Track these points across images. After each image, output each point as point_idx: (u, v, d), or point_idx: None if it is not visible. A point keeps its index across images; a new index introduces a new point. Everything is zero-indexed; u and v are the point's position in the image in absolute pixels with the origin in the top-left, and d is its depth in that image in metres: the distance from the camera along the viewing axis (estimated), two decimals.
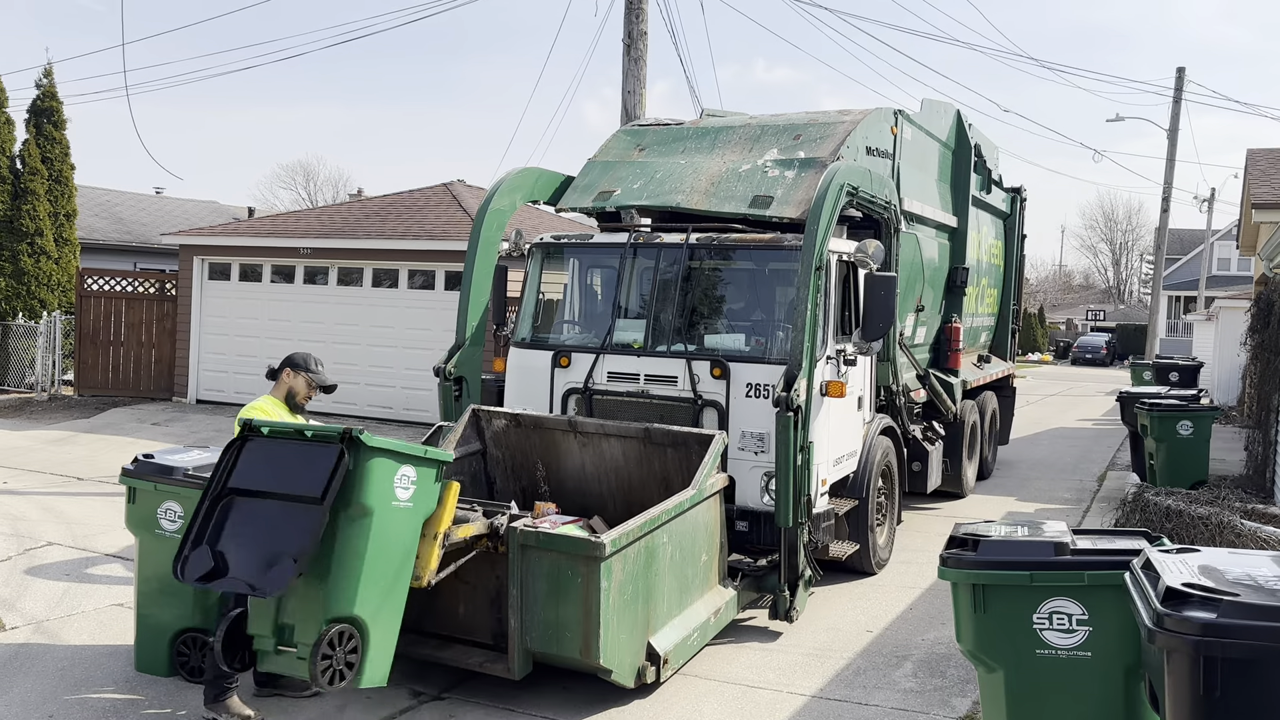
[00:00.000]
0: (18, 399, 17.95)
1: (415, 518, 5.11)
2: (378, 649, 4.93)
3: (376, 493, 4.83)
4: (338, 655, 4.70)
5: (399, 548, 5.02)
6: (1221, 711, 3.02)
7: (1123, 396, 13.43)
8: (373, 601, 4.86)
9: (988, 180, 12.51)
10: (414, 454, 5.04)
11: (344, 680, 4.75)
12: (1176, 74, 30.44)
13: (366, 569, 4.80)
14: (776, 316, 7.89)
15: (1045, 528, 4.39)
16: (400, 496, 4.96)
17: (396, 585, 5.04)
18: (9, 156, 18.78)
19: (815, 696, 6.05)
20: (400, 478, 4.96)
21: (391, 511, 4.92)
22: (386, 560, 4.93)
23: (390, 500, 4.91)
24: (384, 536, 4.89)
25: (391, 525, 4.94)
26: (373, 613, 4.87)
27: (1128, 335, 50.94)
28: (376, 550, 4.85)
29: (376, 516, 4.83)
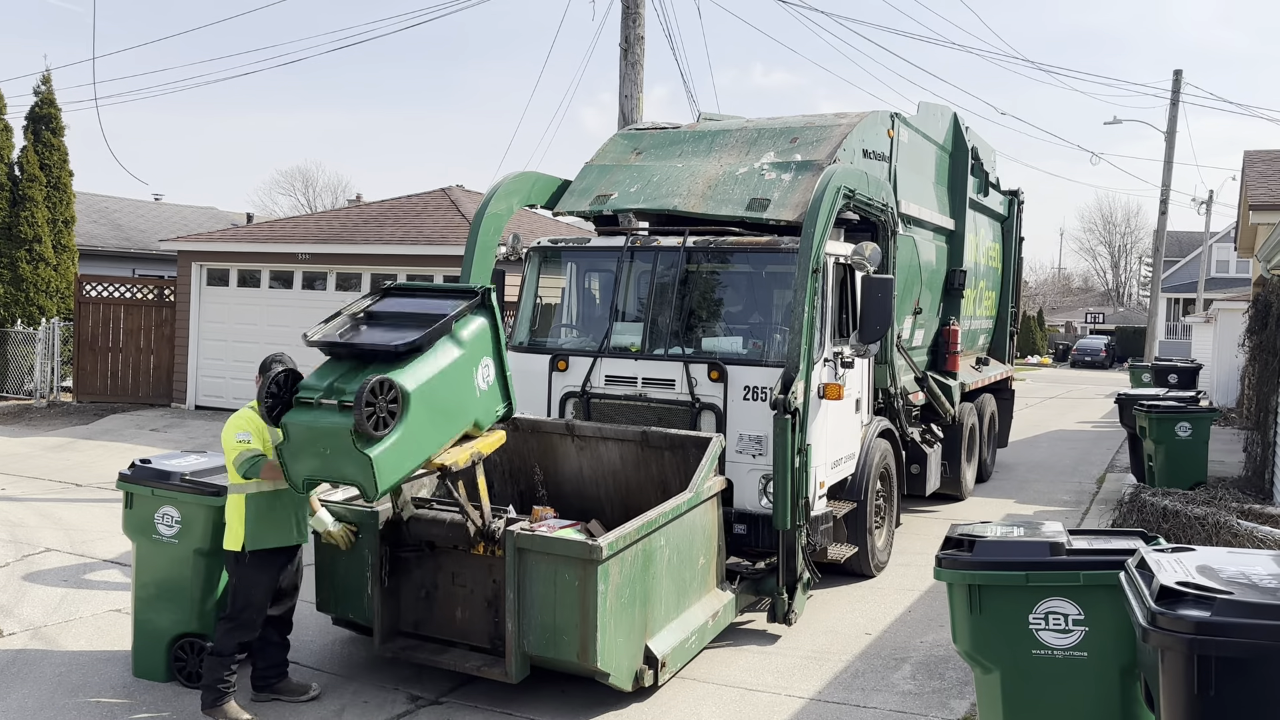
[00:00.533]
0: (17, 405, 17.94)
1: (477, 406, 5.58)
2: (402, 444, 5.04)
3: (469, 344, 5.47)
4: (380, 403, 4.90)
5: (461, 391, 5.46)
6: (1216, 710, 3.02)
7: (1121, 398, 13.43)
8: (422, 403, 5.13)
9: (985, 183, 12.52)
10: (505, 372, 5.79)
11: (386, 428, 4.93)
12: (1174, 76, 30.51)
13: (432, 379, 5.21)
14: (774, 319, 7.89)
15: (1041, 528, 4.38)
16: (479, 376, 5.56)
17: (435, 421, 5.29)
18: (7, 163, 18.78)
19: (814, 699, 6.04)
20: (484, 365, 5.60)
21: (469, 371, 5.47)
22: (443, 396, 5.31)
23: (472, 365, 5.50)
24: (453, 376, 5.38)
25: (462, 374, 5.43)
26: (416, 408, 5.08)
27: (1127, 338, 50.97)
28: (444, 379, 5.30)
29: (460, 356, 5.39)
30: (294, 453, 5.08)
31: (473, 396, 5.55)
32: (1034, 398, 27.36)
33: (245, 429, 5.53)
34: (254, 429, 5.54)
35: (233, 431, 5.52)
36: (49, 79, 19.20)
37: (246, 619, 5.53)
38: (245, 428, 5.54)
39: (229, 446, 5.51)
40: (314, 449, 5.03)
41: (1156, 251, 33.12)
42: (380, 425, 4.90)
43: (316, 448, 5.02)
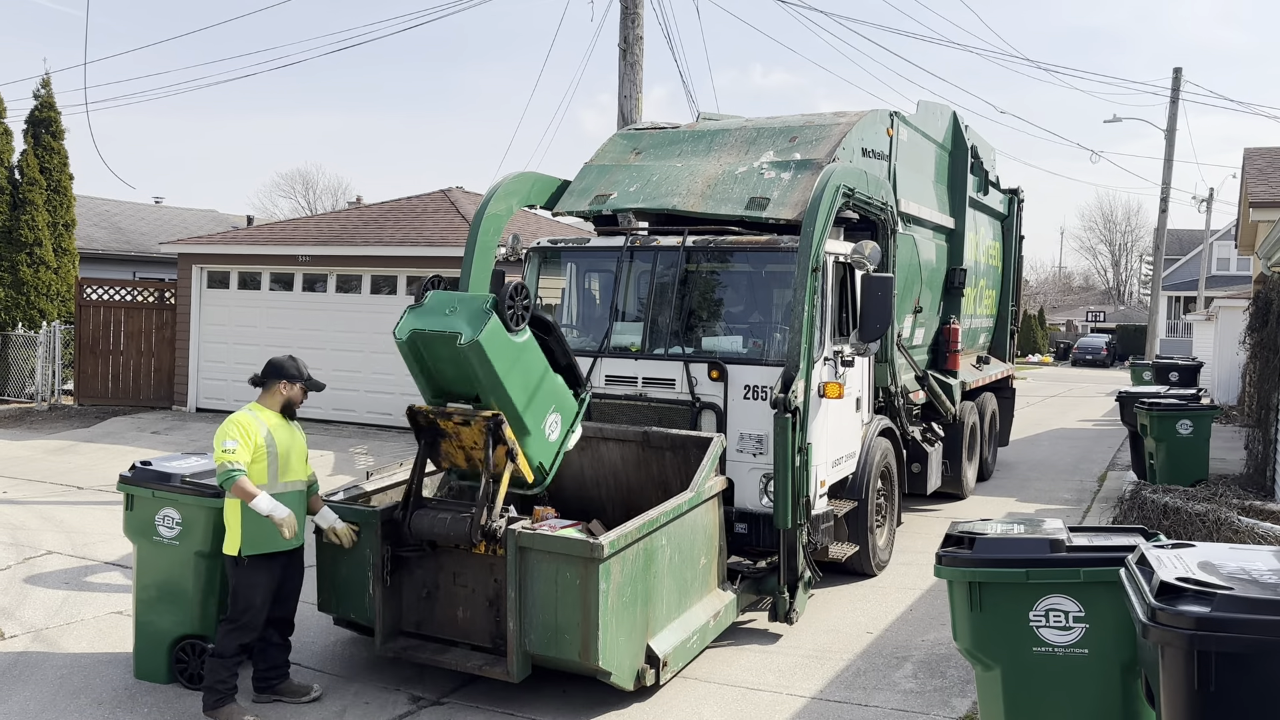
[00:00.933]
0: (18, 409, 17.96)
1: (558, 384, 6.02)
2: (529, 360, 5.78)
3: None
4: (518, 301, 5.60)
5: (548, 388, 5.93)
6: (1216, 705, 3.02)
7: (1122, 396, 13.43)
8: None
9: (985, 181, 12.52)
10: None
11: (521, 323, 5.62)
12: (1174, 74, 30.49)
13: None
14: (774, 318, 7.89)
15: (1041, 525, 4.38)
16: (548, 423, 5.98)
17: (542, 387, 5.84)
18: (7, 167, 18.80)
19: (815, 698, 6.04)
20: (551, 418, 6.02)
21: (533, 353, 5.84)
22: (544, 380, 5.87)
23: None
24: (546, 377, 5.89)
25: (533, 356, 5.81)
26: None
27: (1128, 336, 50.93)
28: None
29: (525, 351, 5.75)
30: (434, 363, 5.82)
31: (562, 399, 6.10)
32: (1035, 396, 27.35)
33: (235, 436, 5.46)
34: (243, 433, 5.49)
35: (222, 438, 5.47)
36: (49, 82, 19.24)
37: (247, 621, 5.53)
38: (235, 434, 5.47)
39: (215, 453, 5.50)
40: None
41: (1157, 250, 33.10)
42: (522, 318, 5.68)
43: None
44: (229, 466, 5.39)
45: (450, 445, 5.97)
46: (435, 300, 5.67)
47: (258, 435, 5.51)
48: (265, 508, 5.42)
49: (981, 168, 12.29)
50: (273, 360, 5.79)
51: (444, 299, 5.66)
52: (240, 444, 5.44)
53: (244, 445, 5.45)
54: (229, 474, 5.39)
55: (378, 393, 16.08)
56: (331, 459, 13.69)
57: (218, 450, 5.46)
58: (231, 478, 5.39)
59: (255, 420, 5.57)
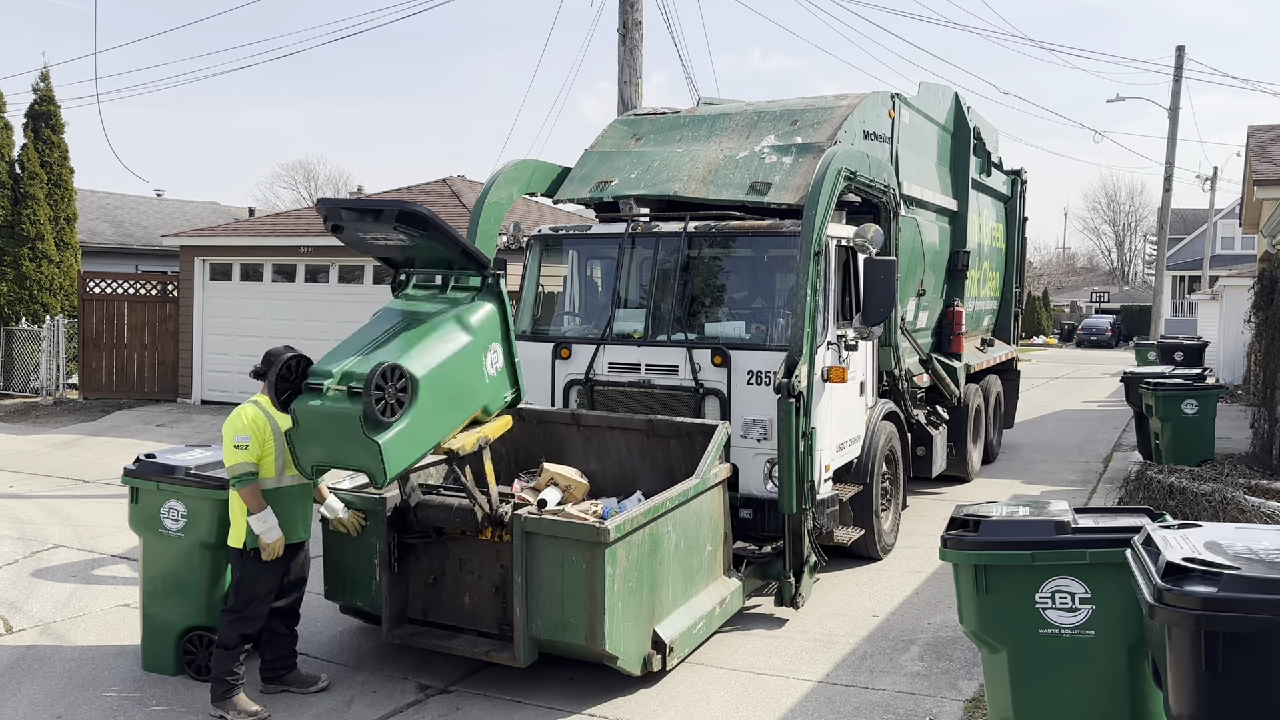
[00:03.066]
0: (23, 403, 17.99)
1: (485, 392, 5.58)
2: (411, 430, 5.05)
3: (480, 330, 5.48)
4: (389, 389, 4.91)
5: (464, 387, 5.43)
6: (1223, 686, 3.01)
7: (1127, 377, 13.39)
8: (431, 391, 5.12)
9: (987, 163, 12.46)
10: (514, 357, 5.75)
11: (395, 415, 4.93)
12: (1176, 52, 30.33)
13: (441, 365, 5.22)
14: (776, 303, 7.87)
15: (1046, 507, 4.37)
16: (487, 363, 5.54)
17: (444, 409, 5.29)
18: (8, 161, 18.77)
19: (821, 682, 6.04)
20: (492, 352, 5.57)
21: (478, 358, 5.47)
22: (453, 382, 5.31)
23: (482, 350, 5.49)
24: (463, 364, 5.37)
25: (471, 366, 5.44)
26: (425, 395, 5.08)
27: (1132, 316, 50.80)
28: (455, 363, 5.31)
29: (471, 344, 5.40)
30: (303, 438, 5.08)
31: (481, 382, 5.55)
32: (1040, 378, 27.30)
33: (246, 431, 5.45)
34: (255, 430, 5.46)
35: (232, 432, 5.46)
36: (48, 76, 19.19)
37: (250, 613, 5.53)
38: (246, 429, 5.45)
39: (226, 449, 5.48)
40: (323, 435, 5.03)
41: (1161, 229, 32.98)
42: (389, 412, 4.90)
43: (326, 434, 5.01)
44: (243, 469, 5.39)
45: None
46: (307, 422, 5.04)
47: (266, 430, 5.49)
48: (259, 528, 5.42)
49: (984, 149, 12.23)
50: (270, 351, 5.72)
51: (313, 422, 5.03)
52: (252, 439, 5.43)
53: (255, 440, 5.44)
54: (241, 477, 5.39)
55: None
56: None
57: (228, 445, 5.45)
58: (244, 481, 5.39)
59: (262, 414, 5.54)
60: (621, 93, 12.37)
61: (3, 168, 18.64)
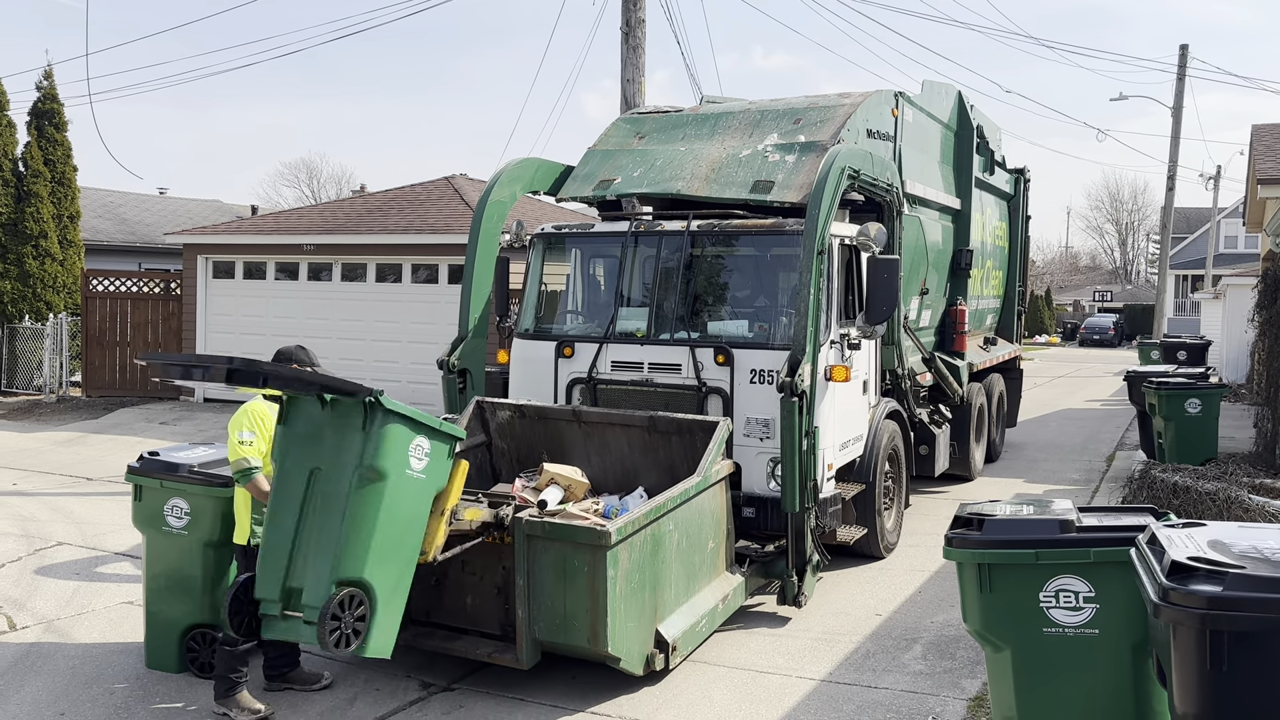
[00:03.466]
0: (26, 401, 18.00)
1: (427, 490, 5.13)
2: (385, 616, 4.95)
3: (392, 458, 4.87)
4: (346, 619, 4.72)
5: (410, 517, 5.05)
6: (1228, 685, 3.00)
7: (1130, 375, 13.37)
8: (382, 567, 4.90)
9: (990, 161, 12.45)
10: (429, 424, 5.08)
11: (350, 646, 4.77)
12: (1180, 51, 30.28)
13: (378, 534, 4.83)
14: (780, 302, 7.86)
15: (1050, 506, 4.36)
16: (414, 466, 4.99)
17: (405, 555, 5.06)
18: (11, 159, 18.78)
19: (824, 680, 6.04)
20: (415, 447, 5.00)
21: (405, 479, 4.95)
22: (397, 527, 4.96)
23: (404, 468, 4.94)
24: (396, 503, 4.92)
25: (404, 493, 4.96)
26: (382, 579, 4.90)
27: (1135, 315, 50.75)
28: (388, 516, 4.88)
29: (390, 482, 4.87)
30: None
31: (422, 489, 5.11)
32: (1042, 377, 27.28)
33: (250, 427, 5.43)
34: (260, 425, 5.47)
35: (237, 428, 5.44)
36: (51, 74, 19.17)
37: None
38: (251, 425, 5.44)
39: (231, 444, 5.46)
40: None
41: (1164, 228, 32.92)
42: (344, 643, 4.72)
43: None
44: (247, 463, 5.36)
45: None
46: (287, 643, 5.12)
47: (271, 425, 5.43)
48: None
49: (987, 148, 12.22)
50: (281, 350, 5.73)
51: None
52: (257, 435, 5.41)
53: (260, 436, 5.42)
54: (247, 471, 5.37)
55: (383, 381, 15.91)
56: None
57: (233, 440, 5.43)
58: (249, 475, 5.37)
59: (269, 410, 5.51)
60: (624, 91, 12.36)
61: (6, 166, 18.65)
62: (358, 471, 4.82)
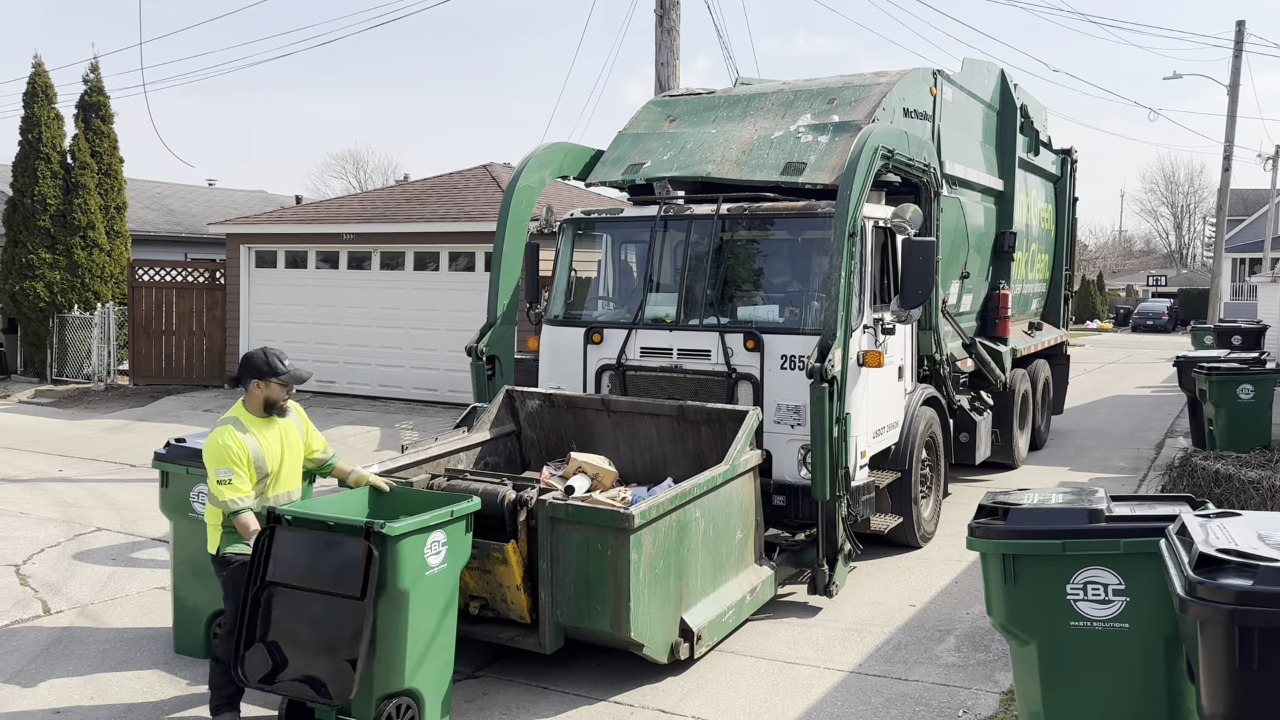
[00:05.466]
0: (76, 389, 18.32)
1: (451, 574, 5.03)
2: (433, 702, 4.98)
3: (409, 573, 4.71)
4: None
5: (440, 609, 4.97)
6: (1259, 684, 2.83)
7: (1180, 361, 13.00)
8: (424, 668, 4.90)
9: (1035, 141, 12.16)
10: (441, 521, 4.88)
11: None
12: (1236, 27, 29.41)
13: (412, 642, 4.79)
14: (811, 286, 7.71)
15: (1080, 495, 4.19)
16: (433, 563, 4.85)
17: (444, 639, 5.04)
18: (59, 152, 19.08)
19: (853, 672, 5.92)
20: (431, 545, 4.84)
21: (427, 581, 4.84)
22: (430, 625, 4.91)
23: (424, 571, 4.81)
24: (424, 606, 4.85)
25: (430, 593, 4.87)
26: (425, 678, 4.91)
27: (1190, 300, 49.55)
28: (418, 622, 4.82)
29: (414, 593, 4.76)
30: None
31: (446, 574, 4.98)
32: (1093, 363, 26.74)
33: (228, 464, 4.92)
34: (236, 461, 4.94)
35: (213, 463, 4.96)
36: (97, 67, 19.44)
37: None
38: (228, 462, 4.92)
39: (210, 483, 5.00)
40: None
41: (1220, 210, 32.07)
42: None
43: None
44: (233, 505, 4.92)
45: None
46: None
47: (246, 456, 4.98)
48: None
49: (1032, 127, 11.93)
50: (245, 355, 5.30)
51: None
52: (235, 472, 4.92)
53: (239, 472, 4.94)
54: (234, 513, 4.95)
55: (422, 368, 16.14)
56: (378, 435, 13.78)
57: (211, 480, 4.97)
58: (236, 515, 4.94)
59: (241, 438, 5.01)
60: (659, 74, 12.23)
61: (55, 158, 18.96)
62: (381, 597, 4.66)
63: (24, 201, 18.80)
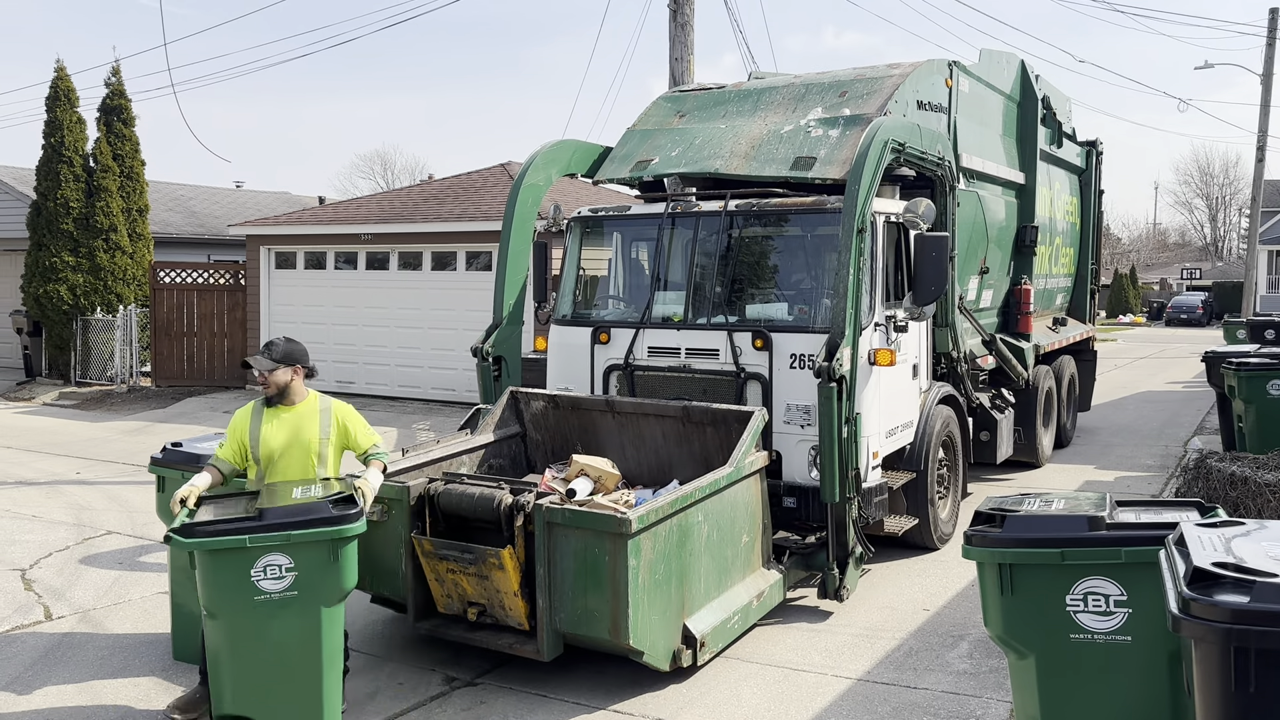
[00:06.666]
0: (99, 391, 18.44)
1: (305, 606, 4.83)
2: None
3: (222, 598, 4.85)
4: None
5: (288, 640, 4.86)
6: (1257, 707, 2.65)
7: (1209, 356, 12.66)
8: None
9: (1058, 133, 11.89)
10: (276, 542, 4.72)
11: None
12: (1270, 14, 28.78)
13: (241, 674, 4.86)
14: (822, 283, 7.53)
15: (1082, 500, 4.01)
16: (268, 589, 4.76)
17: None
18: (82, 155, 19.19)
19: (861, 680, 5.76)
20: (265, 568, 4.76)
21: (253, 610, 4.78)
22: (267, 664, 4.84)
23: (252, 596, 4.77)
24: (244, 641, 4.83)
25: (257, 626, 4.83)
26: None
27: (1225, 294, 48.68)
28: (244, 657, 4.87)
29: (222, 623, 4.86)
30: None
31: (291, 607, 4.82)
32: (1123, 358, 26.30)
33: (228, 430, 5.44)
34: (231, 428, 5.42)
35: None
36: (118, 70, 19.51)
37: None
38: (229, 429, 5.44)
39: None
40: None
41: (1254, 201, 31.42)
42: None
43: None
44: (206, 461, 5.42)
45: None
46: None
47: (243, 432, 5.35)
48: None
49: (1054, 119, 11.67)
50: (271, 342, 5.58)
51: None
52: (225, 440, 5.38)
53: (227, 441, 5.37)
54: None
55: (440, 369, 16.09)
56: (395, 436, 13.74)
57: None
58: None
59: (244, 416, 5.41)
60: (673, 69, 12.08)
61: (77, 161, 19.08)
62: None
63: (47, 205, 18.93)
